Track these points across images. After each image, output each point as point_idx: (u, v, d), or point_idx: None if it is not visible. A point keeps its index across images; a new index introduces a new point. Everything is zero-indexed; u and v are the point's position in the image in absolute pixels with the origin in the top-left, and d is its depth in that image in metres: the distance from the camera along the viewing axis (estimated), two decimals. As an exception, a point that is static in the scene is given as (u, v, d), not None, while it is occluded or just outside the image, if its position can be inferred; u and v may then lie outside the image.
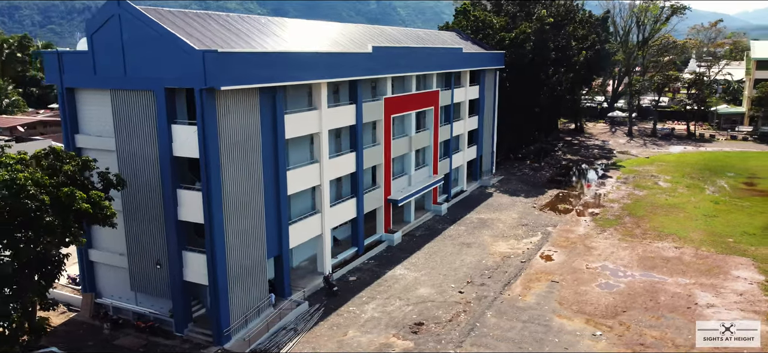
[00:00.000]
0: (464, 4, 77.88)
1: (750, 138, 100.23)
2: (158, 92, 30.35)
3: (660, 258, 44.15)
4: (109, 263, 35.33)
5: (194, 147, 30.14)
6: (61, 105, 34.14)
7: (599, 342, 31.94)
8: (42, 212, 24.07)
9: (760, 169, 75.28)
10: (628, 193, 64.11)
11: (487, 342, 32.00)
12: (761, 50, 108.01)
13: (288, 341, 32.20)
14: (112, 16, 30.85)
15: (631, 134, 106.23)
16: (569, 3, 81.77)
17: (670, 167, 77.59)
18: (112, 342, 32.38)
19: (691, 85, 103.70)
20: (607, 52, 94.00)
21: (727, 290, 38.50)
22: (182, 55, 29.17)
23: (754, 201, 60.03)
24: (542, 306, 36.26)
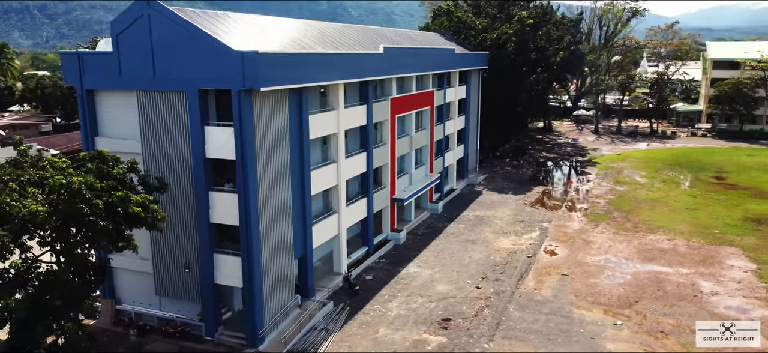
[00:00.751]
0: (448, 5, 79.04)
1: (709, 135, 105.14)
2: (191, 94, 30.00)
3: (657, 250, 46.17)
4: (130, 268, 34.60)
5: (230, 149, 29.96)
6: (81, 108, 33.23)
7: (622, 331, 33.33)
8: (96, 217, 23.58)
9: (725, 164, 79.20)
10: (610, 189, 66.50)
11: (517, 335, 32.94)
12: (717, 51, 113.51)
13: (322, 341, 32.33)
14: (140, 16, 30.29)
15: (597, 132, 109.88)
16: (546, 4, 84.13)
17: (642, 163, 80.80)
18: (141, 348, 31.80)
19: (653, 85, 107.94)
20: (582, 53, 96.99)
21: (726, 278, 40.67)
22: (219, 56, 28.98)
23: (728, 195, 63.24)
24: (559, 299, 37.49)
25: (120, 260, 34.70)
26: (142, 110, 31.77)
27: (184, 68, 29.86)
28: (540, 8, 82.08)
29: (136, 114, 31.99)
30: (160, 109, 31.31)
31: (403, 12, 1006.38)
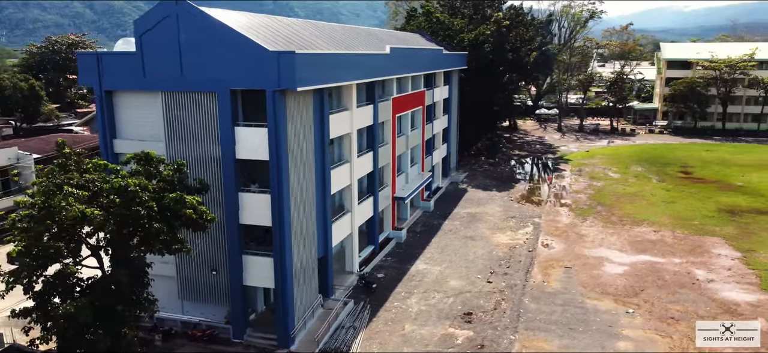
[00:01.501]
0: (425, 5, 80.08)
1: (665, 131, 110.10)
2: (222, 94, 29.75)
3: (647, 242, 48.38)
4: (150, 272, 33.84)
5: (263, 150, 29.87)
6: (99, 109, 32.39)
7: (636, 318, 34.94)
8: (151, 219, 23.24)
9: (688, 159, 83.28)
10: (587, 184, 68.97)
11: (539, 326, 34.08)
12: (671, 52, 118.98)
13: (352, 339, 32.60)
14: (167, 16, 29.83)
15: (561, 129, 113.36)
16: (518, 6, 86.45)
17: (610, 159, 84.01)
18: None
19: (612, 84, 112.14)
20: (553, 53, 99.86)
21: (717, 266, 43.08)
22: (254, 56, 28.88)
23: (698, 188, 66.64)
24: (569, 291, 38.91)
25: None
26: (168, 111, 31.26)
27: (215, 68, 29.58)
28: (513, 10, 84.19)
29: (161, 115, 31.46)
30: (187, 109, 30.92)
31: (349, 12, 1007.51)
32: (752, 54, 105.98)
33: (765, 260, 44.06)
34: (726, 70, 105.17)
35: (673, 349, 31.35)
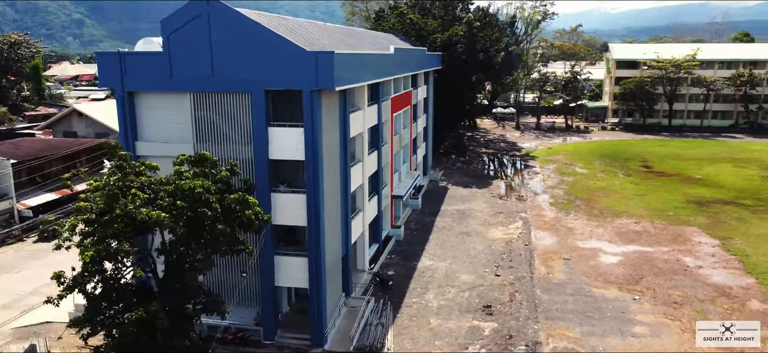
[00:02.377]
0: (400, 7, 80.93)
1: (617, 128, 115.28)
2: (256, 94, 29.60)
3: (632, 233, 50.95)
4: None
5: (298, 150, 29.93)
6: (121, 110, 31.49)
7: (644, 304, 36.95)
8: (215, 222, 23.04)
9: (645, 154, 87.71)
10: (560, 180, 71.64)
11: (557, 315, 35.52)
12: (620, 52, 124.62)
13: (383, 335, 33.04)
14: (198, 15, 29.42)
15: (519, 128, 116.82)
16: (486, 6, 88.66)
17: (573, 155, 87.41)
18: (203, 357, 30.82)
19: (567, 83, 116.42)
20: (518, 54, 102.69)
21: (701, 253, 45.92)
22: (290, 56, 28.86)
23: (662, 181, 70.43)
24: (575, 281, 40.64)
25: (161, 268, 33.33)
26: (196, 112, 30.81)
27: (249, 69, 29.39)
28: (481, 11, 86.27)
29: (188, 116, 30.96)
30: (218, 110, 30.57)
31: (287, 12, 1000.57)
32: (694, 54, 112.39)
33: (742, 246, 47.24)
34: (672, 70, 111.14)
35: (684, 332, 33.39)
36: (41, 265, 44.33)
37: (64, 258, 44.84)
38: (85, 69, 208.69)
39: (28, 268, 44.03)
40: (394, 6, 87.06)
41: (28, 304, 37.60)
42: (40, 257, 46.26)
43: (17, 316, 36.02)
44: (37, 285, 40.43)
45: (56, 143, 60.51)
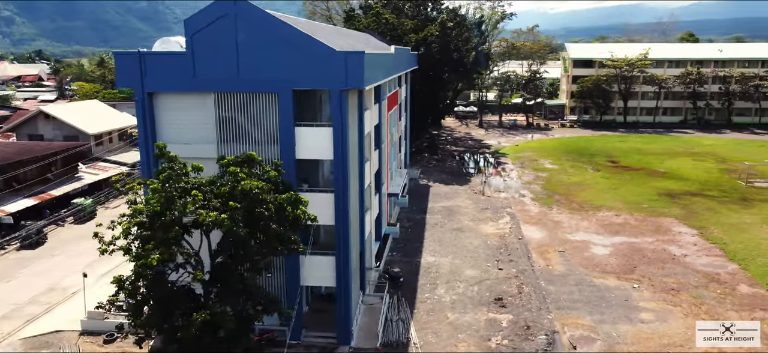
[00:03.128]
0: (376, 7, 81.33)
1: (575, 125, 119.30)
2: (283, 94, 29.61)
3: (615, 225, 53.20)
4: (193, 279, 32.76)
5: (325, 149, 30.14)
6: (141, 111, 30.75)
7: (643, 292, 38.83)
8: (270, 221, 23.05)
9: (607, 149, 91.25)
10: (535, 176, 73.78)
11: (566, 305, 36.92)
12: (576, 51, 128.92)
13: (405, 330, 33.58)
14: (224, 15, 29.16)
15: (482, 125, 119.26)
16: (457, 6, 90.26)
17: (541, 152, 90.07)
18: (232, 360, 30.56)
19: (527, 82, 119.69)
20: (487, 53, 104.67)
21: (683, 242, 48.46)
22: (320, 56, 29.00)
23: (631, 175, 73.56)
24: (574, 272, 42.24)
25: (180, 272, 32.82)
26: (220, 112, 30.52)
27: (276, 69, 29.33)
28: (453, 11, 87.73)
29: (212, 117, 30.62)
30: (243, 110, 30.37)
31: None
32: (646, 54, 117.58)
33: (719, 235, 50.12)
34: (626, 69, 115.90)
35: (687, 316, 35.36)
36: (31, 274, 42.80)
37: (52, 266, 43.54)
38: (27, 69, 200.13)
39: (18, 277, 42.31)
40: (367, 6, 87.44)
41: (29, 313, 36.27)
42: (26, 264, 44.53)
43: (22, 326, 34.71)
44: (33, 294, 39.10)
45: (32, 146, 58.14)
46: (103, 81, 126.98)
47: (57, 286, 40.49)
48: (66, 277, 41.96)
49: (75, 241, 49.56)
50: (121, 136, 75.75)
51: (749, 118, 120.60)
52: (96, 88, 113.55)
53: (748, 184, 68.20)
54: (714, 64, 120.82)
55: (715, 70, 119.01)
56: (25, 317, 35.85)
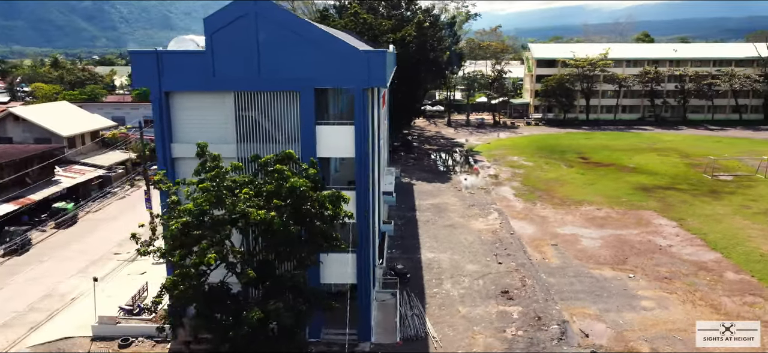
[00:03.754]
0: (354, 6, 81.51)
1: (541, 123, 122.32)
2: (305, 93, 29.72)
3: (599, 218, 55.10)
4: (209, 281, 32.47)
5: (347, 147, 30.43)
6: (158, 111, 30.28)
7: (639, 281, 40.49)
8: (314, 219, 23.22)
9: (576, 146, 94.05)
10: (512, 173, 75.50)
11: (570, 296, 38.17)
12: (540, 51, 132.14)
13: (422, 325, 34.12)
14: (244, 14, 29.05)
15: (451, 124, 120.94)
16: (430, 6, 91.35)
17: (513, 150, 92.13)
18: (255, 360, 30.49)
19: (493, 81, 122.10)
20: (460, 52, 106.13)
21: (664, 233, 50.62)
22: (343, 55, 29.27)
23: (604, 170, 76.12)
24: (570, 264, 43.65)
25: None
26: (240, 112, 30.38)
27: (299, 68, 29.35)
28: (427, 11, 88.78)
29: (231, 116, 30.44)
30: (263, 109, 30.29)
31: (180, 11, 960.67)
32: (606, 54, 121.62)
33: (697, 225, 52.57)
34: (588, 68, 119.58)
35: (685, 303, 37.12)
36: (23, 281, 41.48)
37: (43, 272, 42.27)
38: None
39: (10, 284, 40.84)
40: (341, 6, 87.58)
41: (32, 321, 35.15)
42: (17, 271, 43.05)
43: (27, 333, 33.62)
44: (30, 301, 37.91)
45: (6, 149, 56.04)
46: (61, 82, 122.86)
47: (54, 292, 39.29)
48: (60, 283, 40.76)
49: (61, 246, 48.19)
50: (93, 138, 73.70)
51: (703, 115, 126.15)
52: (56, 89, 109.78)
53: (713, 178, 71.56)
54: (669, 63, 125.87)
55: (671, 70, 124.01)
56: (29, 324, 34.71)
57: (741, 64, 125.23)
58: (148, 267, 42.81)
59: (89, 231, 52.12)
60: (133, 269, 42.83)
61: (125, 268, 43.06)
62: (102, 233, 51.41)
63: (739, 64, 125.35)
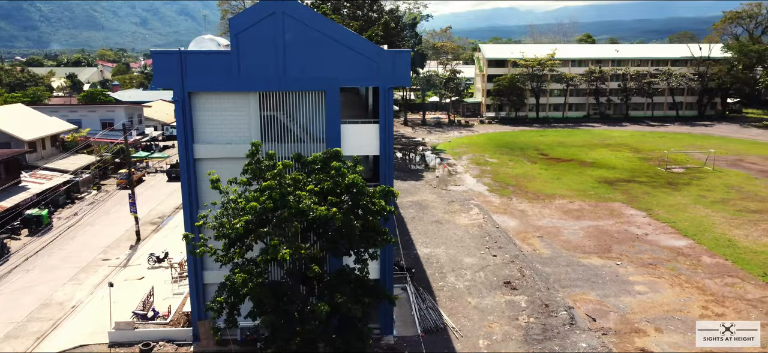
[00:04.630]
0: (322, 7, 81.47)
1: (494, 122, 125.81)
2: (331, 92, 30.20)
3: (573, 211, 57.76)
4: (229, 281, 32.37)
5: (371, 145, 31.12)
6: (181, 112, 29.95)
7: (628, 268, 42.94)
8: (368, 214, 23.81)
9: (534, 143, 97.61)
10: (480, 170, 77.68)
11: (569, 284, 40.08)
12: (491, 52, 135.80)
13: (438, 316, 35.11)
14: (270, 14, 29.25)
15: (407, 123, 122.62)
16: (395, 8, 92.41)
17: (474, 147, 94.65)
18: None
19: (447, 81, 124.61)
20: (421, 52, 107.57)
21: (637, 223, 53.70)
22: (369, 55, 29.91)
23: (565, 166, 79.47)
24: (560, 254, 45.74)
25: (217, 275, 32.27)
26: (264, 112, 30.49)
27: (325, 67, 29.84)
28: (391, 12, 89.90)
29: (255, 116, 30.50)
30: (286, 109, 30.56)
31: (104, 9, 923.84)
32: (553, 54, 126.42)
33: (665, 215, 56.00)
34: (537, 68, 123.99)
35: (674, 286, 39.74)
36: (12, 291, 40.05)
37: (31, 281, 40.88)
38: None
39: (0, 294, 39.19)
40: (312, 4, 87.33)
41: (37, 331, 33.97)
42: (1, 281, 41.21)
43: (35, 344, 32.48)
44: (28, 312, 36.67)
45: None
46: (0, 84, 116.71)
47: (50, 301, 37.96)
48: (55, 291, 39.44)
49: (44, 255, 46.41)
50: (53, 142, 70.82)
51: (643, 112, 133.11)
52: None
53: (667, 170, 76.08)
54: (612, 63, 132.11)
55: (614, 69, 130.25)
56: (33, 335, 33.51)
57: (676, 63, 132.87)
58: (144, 272, 42.12)
59: (69, 238, 50.27)
60: (128, 274, 41.90)
61: (120, 274, 42.01)
62: (83, 240, 49.73)
63: (675, 63, 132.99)
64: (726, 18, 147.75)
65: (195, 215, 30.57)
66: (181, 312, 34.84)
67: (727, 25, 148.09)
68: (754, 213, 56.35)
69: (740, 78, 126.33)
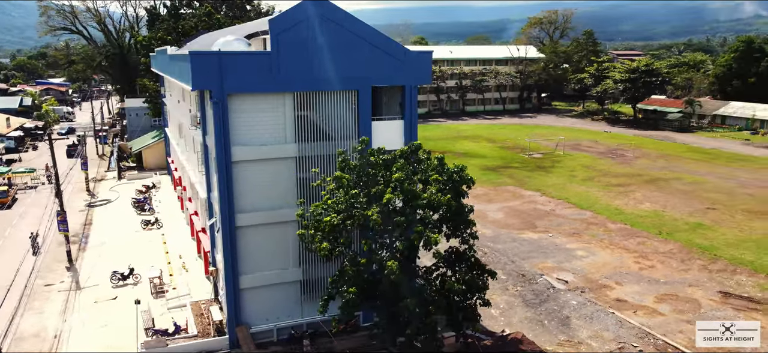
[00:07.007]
0: (207, 6, 77.94)
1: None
2: (363, 91, 31.70)
3: (482, 196, 63.86)
4: (266, 284, 32.10)
5: (398, 141, 33.10)
6: (218, 115, 29.04)
7: (561, 238, 49.59)
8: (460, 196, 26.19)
9: (481, 133, 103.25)
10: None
11: (526, 255, 45.33)
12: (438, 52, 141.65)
13: (443, 297, 38.08)
14: (309, 16, 29.90)
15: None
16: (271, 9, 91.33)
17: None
18: (335, 350, 31.52)
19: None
20: None
21: (540, 202, 61.60)
22: (397, 55, 31.93)
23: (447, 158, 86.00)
24: (500, 233, 51.16)
25: (252, 279, 31.90)
26: (300, 112, 30.94)
27: (358, 67, 31.23)
28: (266, 13, 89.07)
29: (291, 116, 30.81)
30: (319, 108, 31.32)
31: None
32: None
33: (555, 193, 64.74)
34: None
35: (604, 249, 47.18)
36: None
37: None
38: None
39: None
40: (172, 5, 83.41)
41: None
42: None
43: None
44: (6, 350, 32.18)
45: None
46: None
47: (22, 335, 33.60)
48: (18, 324, 34.84)
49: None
50: None
51: (476, 107, 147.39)
52: None
53: (530, 156, 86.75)
54: (448, 63, 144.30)
55: (451, 68, 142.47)
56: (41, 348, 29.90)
57: (500, 63, 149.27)
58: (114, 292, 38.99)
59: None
60: (97, 296, 38.27)
61: (78, 297, 38.16)
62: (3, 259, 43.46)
63: (498, 63, 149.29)
64: (530, 23, 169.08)
65: (234, 219, 30.24)
66: (211, 321, 33.38)
67: (532, 29, 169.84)
68: (618, 186, 67.56)
69: (552, 76, 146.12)
